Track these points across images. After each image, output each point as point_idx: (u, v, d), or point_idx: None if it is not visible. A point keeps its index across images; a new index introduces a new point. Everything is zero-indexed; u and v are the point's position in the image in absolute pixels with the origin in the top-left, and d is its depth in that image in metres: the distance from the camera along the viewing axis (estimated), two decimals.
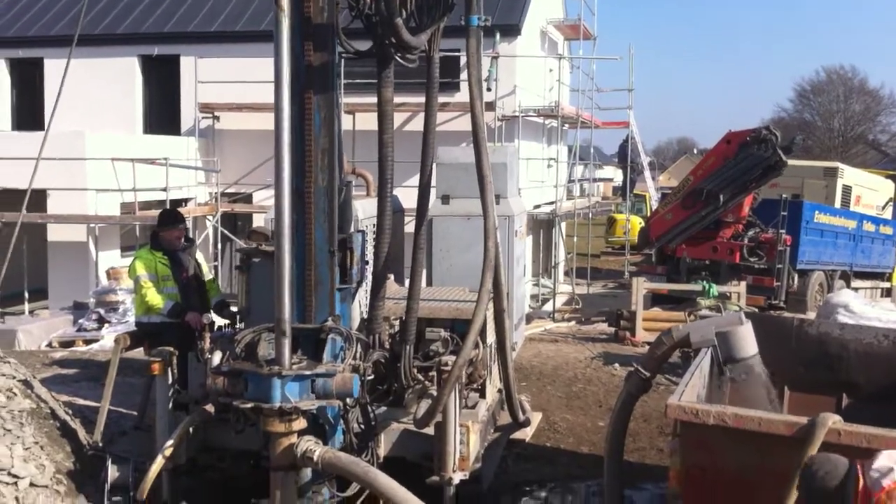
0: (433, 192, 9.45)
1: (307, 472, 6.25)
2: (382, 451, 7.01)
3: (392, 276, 8.81)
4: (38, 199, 16.71)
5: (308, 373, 6.01)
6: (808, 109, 67.26)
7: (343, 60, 7.06)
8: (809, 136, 61.98)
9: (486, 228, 6.86)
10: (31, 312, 16.74)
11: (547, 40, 23.82)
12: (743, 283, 16.20)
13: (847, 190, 21.58)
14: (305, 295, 6.51)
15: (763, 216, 17.72)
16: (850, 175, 22.36)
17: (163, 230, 8.98)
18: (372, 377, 6.80)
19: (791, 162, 17.43)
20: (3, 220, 16.17)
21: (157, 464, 6.56)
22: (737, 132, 16.97)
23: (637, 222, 29.76)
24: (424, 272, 9.46)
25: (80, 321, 15.37)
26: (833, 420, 4.88)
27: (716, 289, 15.74)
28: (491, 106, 17.85)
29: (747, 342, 6.64)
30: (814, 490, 4.42)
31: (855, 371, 7.70)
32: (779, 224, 17.00)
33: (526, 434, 9.29)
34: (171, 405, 7.20)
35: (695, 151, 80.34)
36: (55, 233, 17.28)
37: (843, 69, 66.21)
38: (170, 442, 6.65)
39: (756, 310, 14.94)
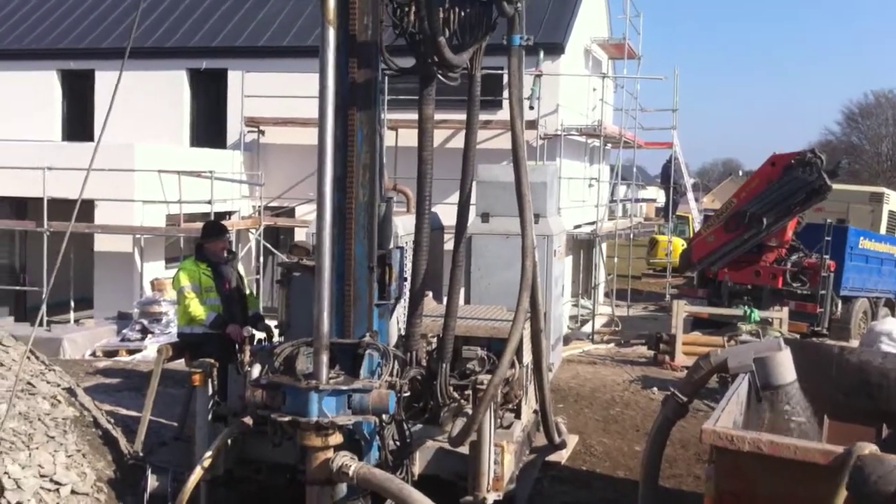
0: (473, 209, 9.50)
1: (342, 488, 6.30)
2: (417, 469, 7.03)
3: (430, 294, 8.86)
4: (87, 209, 17.02)
5: (345, 388, 6.07)
6: (855, 133, 66.52)
7: (386, 77, 7.14)
8: (856, 161, 61.18)
9: (523, 247, 6.89)
10: (76, 321, 17.00)
11: (591, 59, 23.82)
12: (785, 309, 15.99)
13: (893, 216, 21.28)
14: (344, 310, 6.58)
15: (807, 241, 17.52)
16: None
17: (207, 242, 9.12)
18: (408, 394, 6.84)
19: (836, 186, 17.23)
20: (51, 229, 16.51)
21: (196, 475, 6.65)
22: (781, 155, 16.81)
23: (679, 244, 29.54)
24: (463, 290, 9.50)
25: (124, 331, 15.62)
26: (869, 449, 4.83)
27: (757, 314, 15.56)
28: (533, 124, 17.89)
29: (785, 369, 6.58)
30: (866, 495, 4.32)
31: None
32: (823, 249, 16.79)
33: (562, 456, 9.28)
34: (210, 416, 7.29)
35: (740, 173, 79.54)
36: (102, 243, 17.56)
37: (892, 93, 65.37)
38: (208, 453, 6.74)
39: (798, 336, 14.75)
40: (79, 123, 22.37)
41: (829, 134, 69.91)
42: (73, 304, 17.50)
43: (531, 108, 17.56)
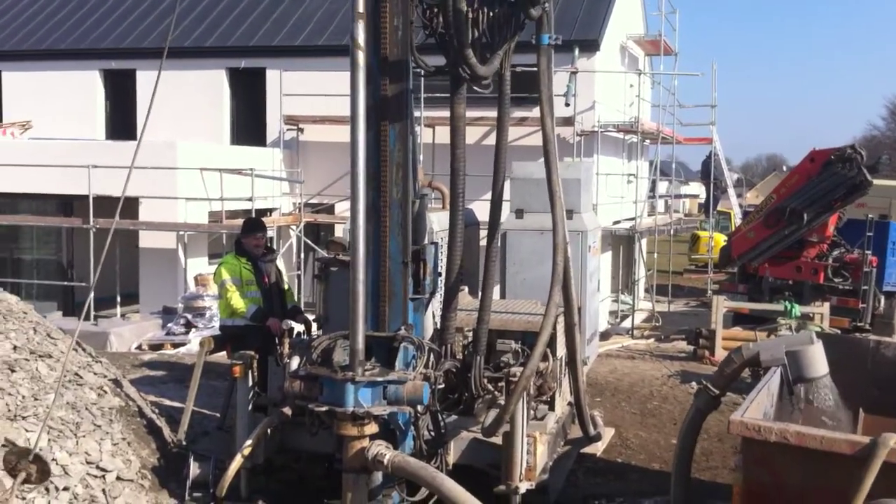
0: (507, 206, 9.60)
1: (378, 476, 6.46)
2: (451, 459, 7.16)
3: (466, 288, 8.99)
4: (131, 206, 17.39)
5: (380, 379, 6.22)
6: None
7: (421, 76, 7.27)
8: None
9: (555, 243, 6.99)
10: (122, 316, 17.37)
11: (627, 55, 23.78)
12: (826, 305, 15.85)
13: None
14: (380, 304, 6.73)
15: (849, 236, 17.36)
16: None
17: (244, 237, 9.35)
18: (443, 386, 6.97)
19: (878, 182, 17.04)
20: (97, 226, 16.89)
21: (237, 462, 6.85)
22: (821, 150, 16.68)
23: (721, 240, 29.36)
24: (497, 285, 9.61)
25: (169, 325, 15.96)
26: (895, 440, 4.88)
27: (798, 309, 15.46)
28: (570, 121, 17.93)
29: (817, 362, 6.60)
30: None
31: None
32: (864, 245, 16.65)
33: (597, 449, 9.35)
34: (250, 407, 7.49)
35: (784, 169, 78.61)
36: (146, 239, 17.92)
37: None
38: (248, 442, 6.94)
39: (839, 332, 14.66)
40: (121, 122, 22.78)
41: (873, 129, 68.85)
42: (118, 298, 17.87)
43: (567, 104, 17.59)
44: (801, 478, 5.19)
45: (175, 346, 15.25)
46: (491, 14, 6.72)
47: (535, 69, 7.15)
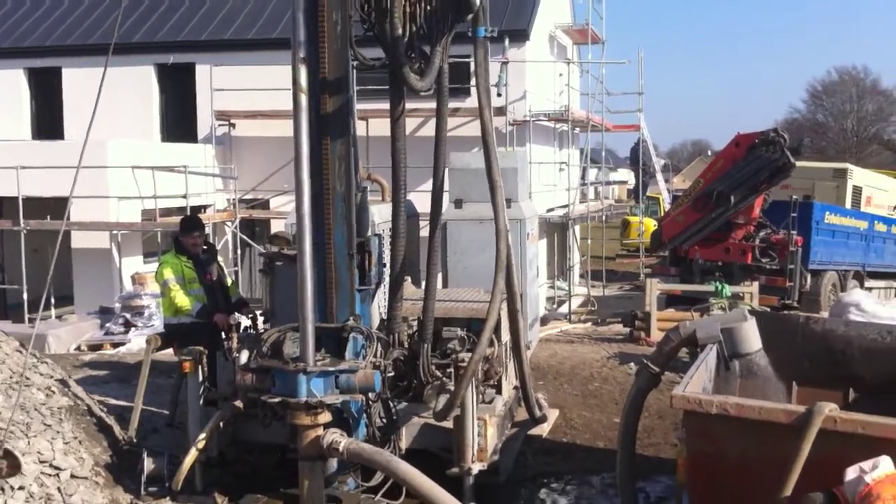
0: (446, 196, 9.76)
1: (333, 463, 6.59)
2: (404, 444, 7.33)
3: (409, 279, 9.13)
4: (62, 206, 17.08)
5: (332, 369, 6.35)
6: (821, 110, 67.23)
7: (355, 69, 7.34)
8: (823, 137, 61.94)
9: (497, 230, 7.17)
10: (58, 317, 17.09)
11: (556, 45, 24.07)
12: (755, 284, 16.32)
13: (857, 191, 21.72)
14: (327, 296, 6.85)
15: (774, 217, 17.86)
16: (859, 176, 22.49)
17: (182, 236, 9.35)
18: (392, 374, 7.13)
19: (801, 163, 17.58)
20: (28, 227, 16.61)
21: (191, 456, 6.91)
22: (745, 134, 17.17)
23: (651, 225, 29.94)
24: (440, 274, 9.77)
25: (108, 325, 15.78)
26: (829, 408, 5.15)
27: (728, 289, 15.88)
28: (501, 111, 18.12)
29: (751, 338, 6.89)
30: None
31: (859, 366, 7.93)
32: (790, 225, 17.17)
33: (543, 430, 9.59)
34: (201, 401, 7.54)
35: (709, 153, 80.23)
36: (79, 240, 17.64)
37: (856, 69, 66.27)
38: (202, 436, 7.00)
39: (768, 309, 15.13)
40: (47, 121, 22.35)
41: (795, 112, 70.62)
42: (52, 300, 17.57)
43: (499, 95, 17.76)
44: (742, 447, 5.44)
45: (115, 345, 15.10)
46: (429, 7, 6.84)
47: (467, 60, 7.31)
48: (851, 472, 4.71)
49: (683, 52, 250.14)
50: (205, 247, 9.43)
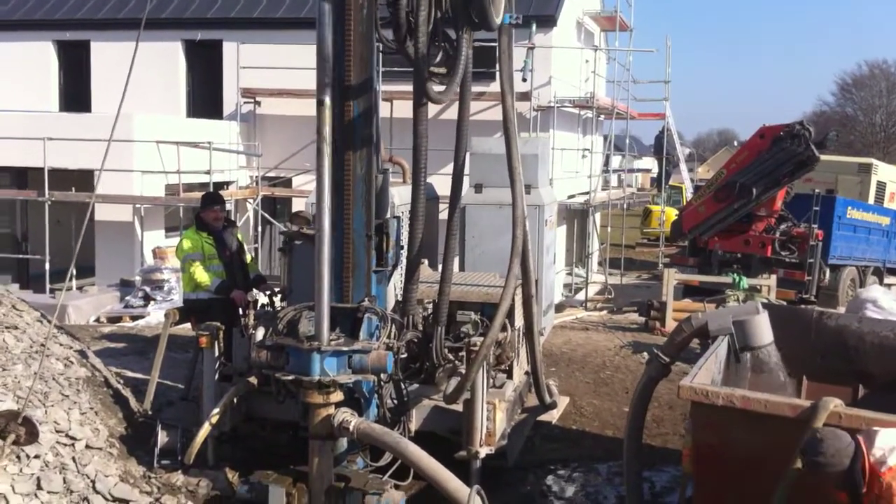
0: (466, 180, 9.78)
1: (343, 442, 6.68)
2: (414, 426, 7.41)
3: (426, 261, 9.19)
4: (87, 178, 17.29)
5: (345, 349, 6.41)
6: (849, 104, 66.60)
7: (380, 51, 7.37)
8: (851, 131, 61.35)
9: (514, 217, 7.22)
10: (79, 289, 17.30)
11: (583, 31, 23.99)
12: (774, 277, 16.32)
13: (881, 186, 21.59)
14: (343, 276, 6.91)
15: (796, 211, 17.83)
16: (884, 171, 22.35)
17: (202, 211, 9.45)
18: (405, 355, 7.19)
19: (825, 157, 17.51)
20: (52, 198, 16.80)
21: (204, 430, 7.02)
22: (770, 126, 17.10)
23: (672, 214, 29.86)
24: (457, 258, 9.82)
25: (127, 298, 15.96)
26: (835, 403, 5.19)
27: (746, 281, 15.88)
28: (526, 96, 18.11)
29: (763, 331, 6.93)
30: (820, 466, 4.71)
31: (871, 362, 7.94)
32: (811, 219, 17.12)
33: (553, 416, 9.66)
34: (216, 377, 7.65)
35: (735, 144, 79.68)
36: (102, 213, 17.83)
37: (886, 63, 65.43)
38: (215, 410, 7.10)
39: (784, 303, 15.11)
40: (75, 94, 22.48)
41: (823, 105, 70.13)
42: (74, 272, 17.77)
43: (524, 80, 17.76)
44: (747, 440, 5.49)
45: (133, 318, 15.29)
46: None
47: (493, 44, 7.30)
48: (888, 438, 4.73)
49: (712, 42, 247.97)
50: (225, 223, 9.54)
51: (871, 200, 21.05)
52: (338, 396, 6.42)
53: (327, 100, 6.40)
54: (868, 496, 4.67)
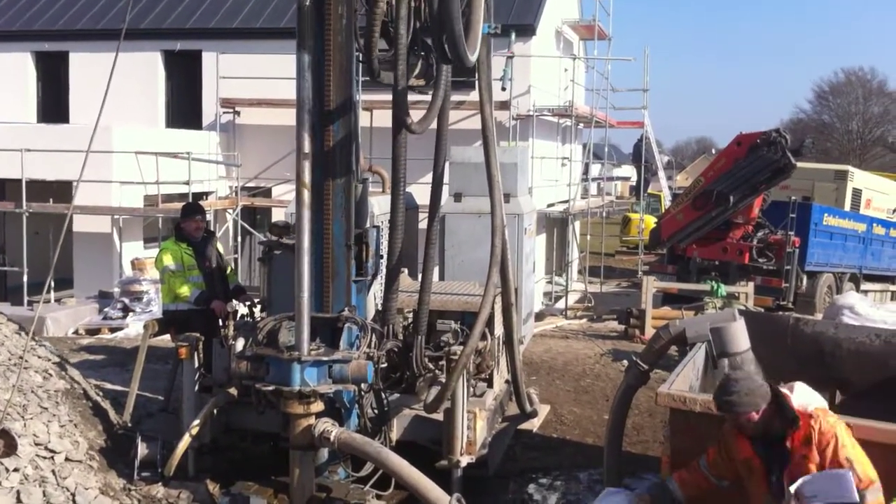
0: (446, 189, 9.81)
1: (324, 453, 6.68)
2: (395, 435, 7.41)
3: (406, 271, 9.21)
4: (65, 189, 17.21)
5: (325, 359, 6.43)
6: (826, 111, 67.11)
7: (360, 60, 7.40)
8: (827, 139, 61.86)
9: (493, 226, 7.26)
10: (57, 301, 17.20)
11: (562, 40, 24.12)
12: (751, 284, 16.40)
13: (857, 193, 21.77)
14: (323, 286, 6.93)
15: (773, 218, 17.94)
16: (860, 178, 22.54)
17: (183, 221, 9.43)
18: (385, 365, 7.21)
19: (801, 165, 17.66)
20: (30, 210, 16.71)
21: (184, 442, 7.01)
22: (747, 134, 17.23)
23: (651, 222, 29.99)
24: (436, 267, 9.84)
25: (106, 310, 15.87)
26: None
27: (724, 289, 15.95)
28: (505, 105, 18.19)
29: (740, 338, 6.98)
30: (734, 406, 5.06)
31: (848, 368, 8.03)
32: (788, 226, 17.24)
33: (533, 425, 9.68)
34: (196, 388, 7.63)
35: (713, 151, 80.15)
36: (81, 224, 17.74)
37: (863, 71, 66.07)
38: (196, 422, 7.09)
39: (763, 310, 15.21)
40: (53, 105, 22.42)
41: (800, 112, 70.60)
42: (52, 283, 17.66)
43: (503, 89, 17.82)
44: None
45: (112, 330, 15.21)
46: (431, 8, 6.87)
47: None
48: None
49: (690, 50, 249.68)
50: (205, 234, 9.52)
51: (848, 207, 21.22)
52: (318, 406, 6.44)
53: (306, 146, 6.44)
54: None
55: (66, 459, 6.72)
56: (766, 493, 5.19)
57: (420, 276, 7.67)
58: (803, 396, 5.07)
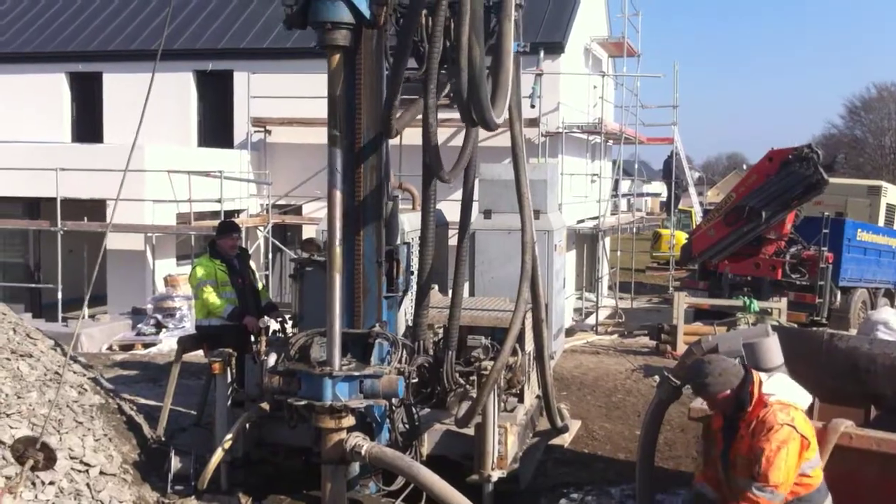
0: (476, 206, 9.84)
1: (355, 467, 6.71)
2: (425, 450, 7.42)
3: (436, 287, 9.25)
4: (99, 208, 17.44)
5: (357, 374, 6.47)
6: (858, 126, 66.49)
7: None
8: (860, 154, 61.31)
9: (523, 242, 7.29)
10: (91, 317, 17.40)
11: (591, 57, 24.15)
12: (784, 300, 16.26)
13: (891, 208, 21.57)
14: (354, 302, 6.98)
15: (805, 234, 17.83)
16: (894, 194, 22.32)
17: (219, 238, 9.53)
18: (416, 380, 7.24)
19: (834, 180, 17.55)
20: (65, 228, 16.94)
21: (217, 456, 7.06)
22: (779, 150, 17.15)
23: (682, 238, 29.85)
24: (467, 283, 9.87)
25: (139, 326, 16.03)
26: (845, 425, 5.21)
27: (756, 304, 15.85)
28: (535, 122, 18.22)
29: (773, 353, 6.93)
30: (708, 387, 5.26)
31: (883, 383, 7.91)
32: (821, 241, 17.12)
33: (565, 440, 9.65)
34: (229, 402, 7.69)
35: (744, 167, 79.66)
36: (114, 241, 17.95)
37: (895, 86, 65.38)
38: (228, 436, 7.15)
39: (795, 326, 15.08)
40: (87, 125, 22.74)
41: (832, 127, 70.01)
42: (87, 300, 17.84)
43: (532, 106, 17.86)
44: None
45: (146, 346, 15.34)
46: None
47: None
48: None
49: (721, 66, 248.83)
50: (238, 251, 9.62)
51: (881, 223, 21.02)
52: (350, 421, 6.47)
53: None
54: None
55: (101, 473, 6.80)
56: (720, 464, 5.40)
57: (450, 292, 7.69)
58: (776, 386, 5.26)
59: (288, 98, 19.40)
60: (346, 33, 6.55)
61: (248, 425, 7.35)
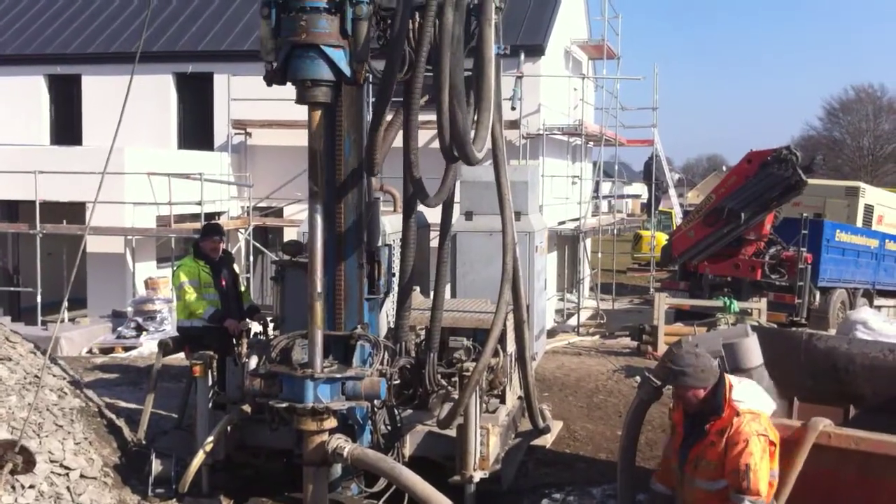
0: (457, 208, 9.86)
1: (337, 469, 6.71)
2: (407, 451, 7.43)
3: (418, 288, 9.25)
4: (78, 211, 17.34)
5: (338, 376, 6.47)
6: (836, 128, 66.88)
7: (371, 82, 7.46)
8: (838, 155, 61.70)
9: (504, 244, 7.30)
10: (71, 320, 17.29)
11: (571, 60, 24.22)
12: (764, 300, 16.38)
13: (869, 209, 21.74)
14: (336, 304, 6.98)
15: (785, 234, 17.95)
16: (871, 194, 22.51)
17: (202, 240, 9.50)
18: (398, 382, 7.24)
19: (813, 181, 17.67)
20: (44, 231, 16.84)
21: (198, 459, 7.04)
22: (758, 152, 17.27)
23: (663, 239, 29.97)
24: (448, 285, 9.87)
25: (119, 329, 15.95)
26: (824, 424, 5.25)
27: (736, 305, 15.94)
28: (515, 124, 18.27)
29: (753, 353, 6.99)
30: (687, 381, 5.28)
31: (861, 383, 7.97)
32: (800, 242, 17.23)
33: (546, 441, 9.66)
34: (210, 405, 7.67)
35: (724, 168, 79.89)
36: (94, 244, 17.84)
37: (873, 87, 65.87)
38: (209, 439, 7.13)
39: (775, 326, 15.17)
40: (66, 128, 22.65)
41: (810, 129, 70.37)
42: (66, 303, 17.73)
43: (513, 108, 17.91)
44: None
45: (126, 349, 15.27)
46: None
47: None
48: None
49: (700, 68, 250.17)
50: (222, 254, 9.59)
51: (860, 223, 21.19)
52: (331, 423, 6.47)
53: None
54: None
55: (81, 476, 6.76)
56: (676, 458, 5.48)
57: (432, 294, 7.70)
58: (744, 394, 5.26)
59: (268, 100, 19.20)
60: (327, 90, 6.59)
61: (229, 428, 7.33)
